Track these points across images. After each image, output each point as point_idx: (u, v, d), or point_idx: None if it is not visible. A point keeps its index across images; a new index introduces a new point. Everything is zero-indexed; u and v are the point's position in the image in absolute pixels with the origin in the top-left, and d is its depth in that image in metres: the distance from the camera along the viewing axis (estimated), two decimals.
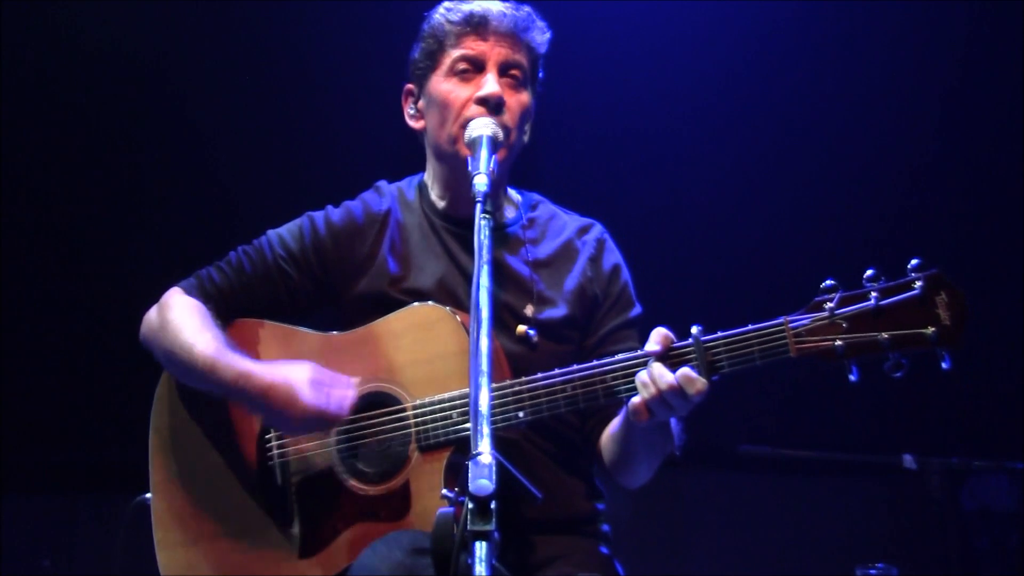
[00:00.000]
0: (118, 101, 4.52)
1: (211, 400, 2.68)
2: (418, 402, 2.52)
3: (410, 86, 2.79)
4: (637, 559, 2.92)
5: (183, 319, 2.64)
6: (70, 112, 4.51)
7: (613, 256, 2.80)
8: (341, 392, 2.49)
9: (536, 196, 2.88)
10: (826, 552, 4.90)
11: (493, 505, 1.78)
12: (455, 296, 2.65)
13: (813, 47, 4.57)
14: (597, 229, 2.83)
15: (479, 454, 1.83)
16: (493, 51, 2.66)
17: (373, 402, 2.57)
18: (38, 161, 4.56)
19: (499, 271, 2.65)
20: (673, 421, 2.53)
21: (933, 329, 2.21)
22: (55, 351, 4.68)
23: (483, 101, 2.62)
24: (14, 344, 4.59)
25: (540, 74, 2.78)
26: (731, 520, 5.07)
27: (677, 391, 2.31)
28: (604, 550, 2.71)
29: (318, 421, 2.48)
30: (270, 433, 2.65)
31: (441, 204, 2.78)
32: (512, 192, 2.86)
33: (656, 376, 2.33)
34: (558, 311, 2.69)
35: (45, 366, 4.68)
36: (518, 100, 2.67)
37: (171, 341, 2.63)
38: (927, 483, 4.04)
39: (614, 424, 2.60)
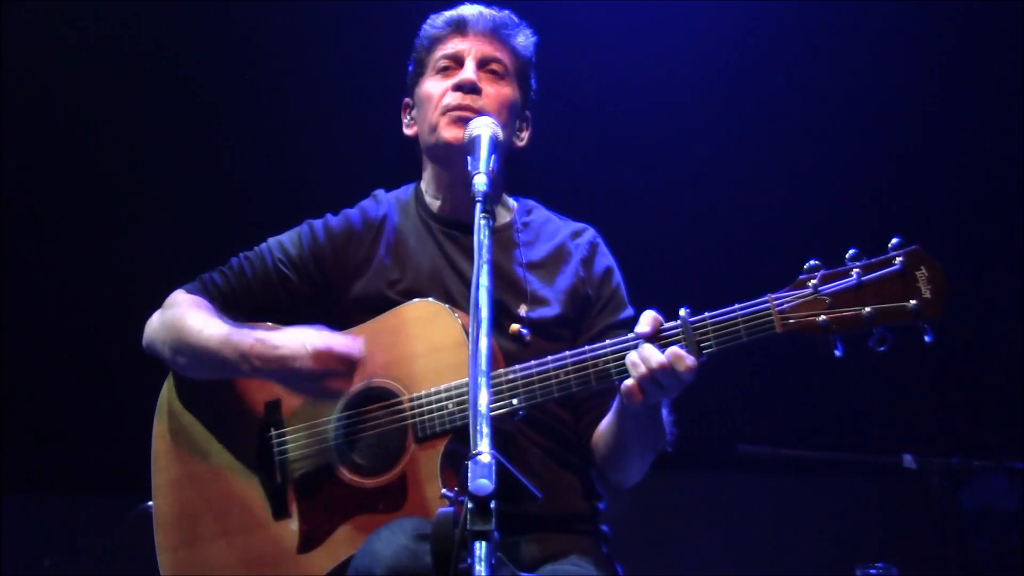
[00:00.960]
0: (122, 108, 4.53)
1: (214, 402, 2.71)
2: (415, 395, 2.54)
3: (407, 100, 2.89)
4: (636, 559, 2.92)
5: (191, 310, 2.69)
6: (73, 117, 4.52)
7: (605, 259, 2.84)
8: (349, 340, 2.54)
9: (531, 202, 2.93)
10: (826, 552, 4.91)
11: (493, 504, 1.78)
12: (450, 297, 2.67)
13: (799, 33, 4.56)
14: (590, 233, 2.88)
15: (479, 453, 1.83)
16: (472, 47, 2.77)
17: (371, 397, 2.59)
18: (41, 162, 4.57)
19: (494, 272, 2.66)
20: (665, 414, 2.56)
21: (914, 302, 2.24)
22: (56, 351, 4.69)
23: (458, 86, 2.71)
24: (15, 344, 4.60)
25: (533, 83, 2.86)
26: (731, 520, 5.07)
27: (667, 369, 2.33)
28: (604, 550, 2.72)
29: (331, 360, 2.50)
30: (270, 432, 2.67)
31: (435, 207, 2.84)
32: (507, 198, 2.90)
33: (646, 355, 2.36)
34: (551, 310, 2.71)
35: (45, 366, 4.68)
36: (497, 90, 2.75)
37: (180, 329, 2.67)
38: (927, 483, 4.04)
39: (606, 418, 2.62)
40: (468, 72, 2.73)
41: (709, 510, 5.06)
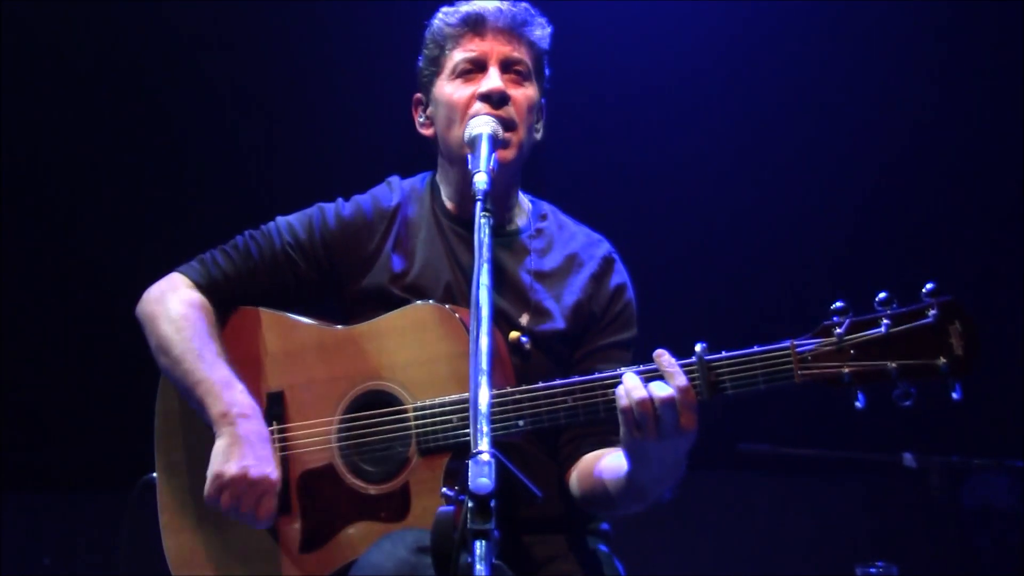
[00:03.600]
0: (125, 89, 4.51)
1: None
2: (419, 404, 2.51)
3: (418, 95, 2.78)
4: (636, 558, 2.92)
5: (180, 324, 2.63)
6: (73, 102, 4.50)
7: (619, 276, 2.76)
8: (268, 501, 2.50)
9: (546, 206, 2.85)
10: (826, 551, 4.90)
11: (493, 503, 1.77)
12: (452, 295, 2.64)
13: (836, 62, 4.58)
14: (605, 246, 2.79)
15: (479, 452, 1.83)
16: (493, 49, 2.64)
17: (374, 400, 2.56)
18: (38, 158, 4.56)
19: (500, 277, 2.64)
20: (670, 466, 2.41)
21: (944, 360, 2.14)
22: (55, 350, 4.68)
23: (486, 97, 2.60)
24: (14, 343, 4.59)
25: (547, 71, 2.76)
26: (731, 519, 5.07)
27: (666, 401, 2.23)
28: (604, 548, 2.71)
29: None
30: (273, 426, 2.64)
31: (450, 205, 2.77)
32: (524, 199, 2.83)
33: (634, 385, 2.25)
34: (553, 324, 2.66)
35: (44, 365, 4.68)
36: (524, 94, 2.65)
37: (162, 342, 2.64)
38: (927, 481, 4.04)
39: (605, 467, 2.53)
40: (495, 81, 2.60)
41: (709, 509, 5.05)
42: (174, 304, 2.67)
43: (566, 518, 2.65)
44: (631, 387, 2.26)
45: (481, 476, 1.78)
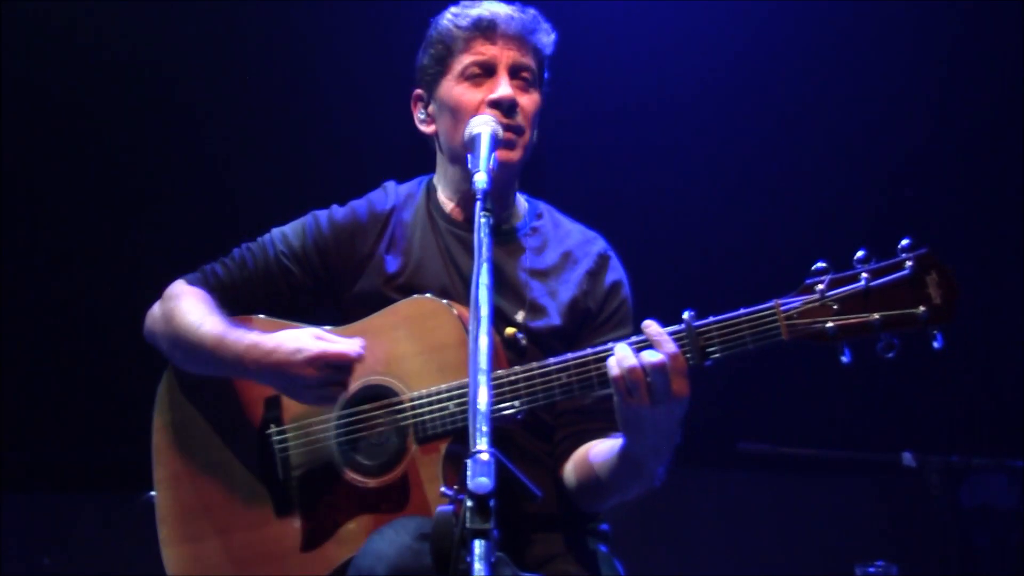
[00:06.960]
0: (122, 94, 4.50)
1: (213, 396, 2.72)
2: (415, 394, 2.53)
3: (419, 91, 2.79)
4: (636, 557, 2.92)
5: (189, 304, 2.69)
6: (72, 108, 4.50)
7: (615, 273, 2.78)
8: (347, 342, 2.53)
9: (542, 205, 2.87)
10: (826, 551, 4.90)
11: (492, 503, 1.77)
12: (449, 296, 2.64)
13: (803, 34, 4.56)
14: (600, 243, 2.81)
15: (479, 452, 1.83)
16: (503, 54, 2.66)
17: (371, 395, 2.58)
18: (39, 158, 4.56)
19: (496, 275, 2.63)
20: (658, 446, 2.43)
21: (923, 308, 2.20)
22: (55, 350, 4.68)
23: (496, 104, 2.62)
24: (14, 343, 4.59)
25: (546, 75, 2.79)
26: (731, 519, 5.07)
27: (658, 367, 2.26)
28: (603, 548, 2.71)
29: (327, 367, 2.50)
30: (271, 428, 2.66)
31: (448, 206, 2.79)
32: (521, 198, 2.85)
33: (627, 353, 2.28)
34: (549, 321, 2.67)
35: (45, 364, 4.68)
36: (531, 100, 2.68)
37: (177, 324, 2.67)
38: (927, 481, 4.05)
39: (600, 451, 2.55)
40: (505, 88, 2.63)
41: (708, 508, 5.05)
42: (175, 303, 2.72)
43: (566, 517, 2.66)
44: (621, 356, 2.30)
45: (480, 475, 1.79)
